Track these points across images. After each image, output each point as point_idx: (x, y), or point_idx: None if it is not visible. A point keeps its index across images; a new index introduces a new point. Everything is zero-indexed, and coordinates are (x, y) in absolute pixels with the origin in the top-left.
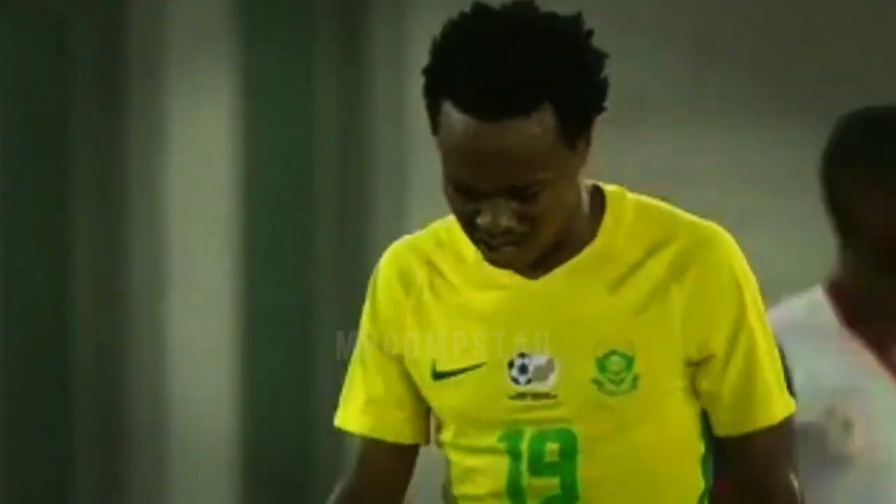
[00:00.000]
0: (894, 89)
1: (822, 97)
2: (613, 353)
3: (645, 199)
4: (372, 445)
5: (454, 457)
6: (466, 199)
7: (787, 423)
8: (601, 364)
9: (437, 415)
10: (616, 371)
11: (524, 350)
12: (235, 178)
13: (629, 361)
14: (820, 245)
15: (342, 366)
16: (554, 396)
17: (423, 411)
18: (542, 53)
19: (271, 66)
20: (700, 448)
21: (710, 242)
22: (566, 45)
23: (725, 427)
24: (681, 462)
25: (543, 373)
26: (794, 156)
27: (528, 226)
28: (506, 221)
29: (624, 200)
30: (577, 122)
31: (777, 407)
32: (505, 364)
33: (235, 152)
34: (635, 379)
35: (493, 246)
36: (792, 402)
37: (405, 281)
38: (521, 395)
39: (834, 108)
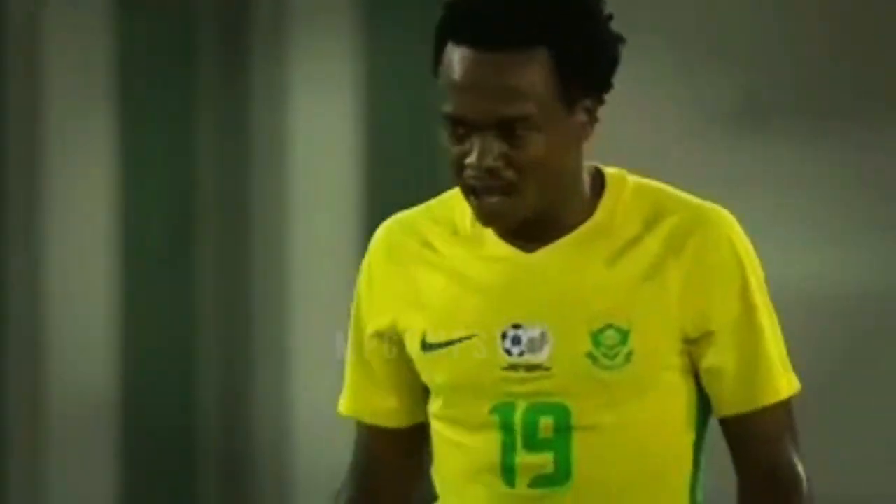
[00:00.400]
0: None
1: None
2: (609, 326)
3: (647, 181)
4: (366, 429)
5: (443, 429)
6: (459, 138)
7: (790, 403)
8: (595, 338)
9: (428, 387)
10: (610, 345)
11: (518, 321)
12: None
13: (624, 336)
14: None
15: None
16: (547, 368)
17: (419, 392)
18: (547, 2)
19: (151, 105)
20: (692, 433)
21: (708, 218)
22: (574, 2)
23: (730, 405)
24: (672, 443)
25: (537, 344)
26: None
27: (515, 173)
28: (492, 161)
29: (624, 181)
30: (574, 79)
31: (781, 384)
32: (498, 335)
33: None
34: (629, 354)
35: (479, 192)
36: (796, 381)
37: (395, 257)
38: (514, 367)
39: None
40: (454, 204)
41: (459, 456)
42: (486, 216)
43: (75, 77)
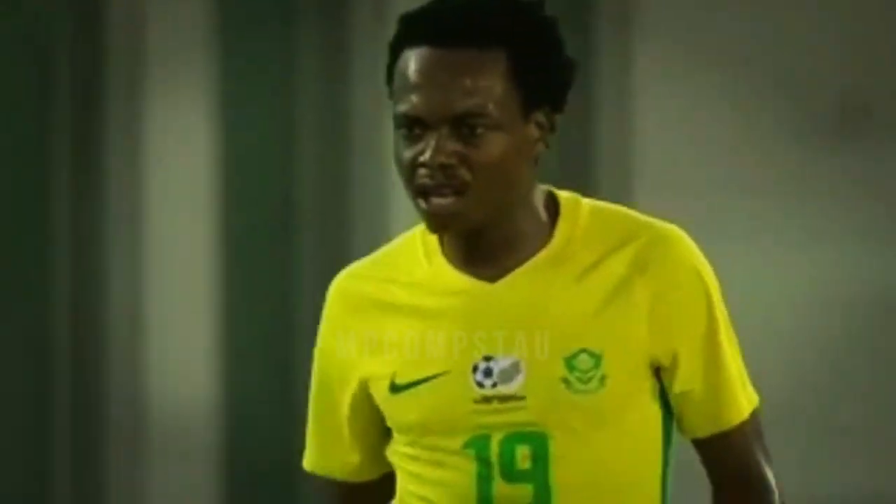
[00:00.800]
0: None
1: None
2: (582, 351)
3: (601, 203)
4: (336, 486)
5: (411, 467)
6: (413, 139)
7: (754, 416)
8: (569, 363)
9: (393, 429)
10: (584, 370)
11: (488, 353)
12: (213, 182)
13: (597, 360)
14: None
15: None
16: (522, 398)
17: (384, 441)
18: (503, 6)
19: (250, 69)
20: (662, 450)
21: (669, 239)
22: (528, 8)
23: (697, 428)
24: (647, 462)
25: (509, 374)
26: None
27: (469, 173)
28: (445, 158)
29: (578, 205)
30: (529, 86)
31: (742, 404)
32: (469, 369)
33: (213, 156)
34: (603, 378)
35: (430, 192)
36: (755, 394)
37: (351, 307)
38: (487, 399)
39: None
40: (404, 248)
41: (431, 493)
42: (435, 217)
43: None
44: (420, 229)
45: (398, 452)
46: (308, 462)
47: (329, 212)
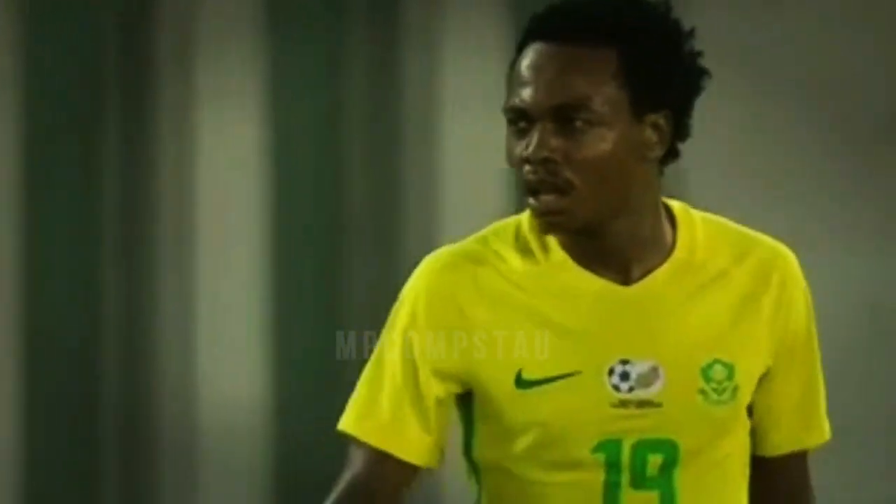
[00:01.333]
0: None
1: None
2: (716, 361)
3: (706, 213)
4: (384, 459)
5: (527, 471)
6: (519, 133)
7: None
8: (705, 373)
9: (506, 427)
10: (719, 380)
11: (625, 356)
12: (263, 189)
13: (730, 371)
14: None
15: (349, 366)
16: (659, 405)
17: (445, 431)
18: (624, 6)
19: (298, 62)
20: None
21: (787, 257)
22: (649, 10)
23: (779, 444)
24: (746, 475)
25: (647, 379)
26: None
27: (572, 171)
28: (547, 152)
29: (691, 214)
30: (641, 88)
31: (825, 426)
32: (605, 371)
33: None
34: (735, 389)
35: (536, 189)
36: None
37: (459, 301)
38: (624, 403)
39: None
40: (507, 238)
41: (551, 497)
42: (541, 214)
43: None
44: (522, 219)
45: (511, 454)
46: (360, 429)
47: (379, 215)
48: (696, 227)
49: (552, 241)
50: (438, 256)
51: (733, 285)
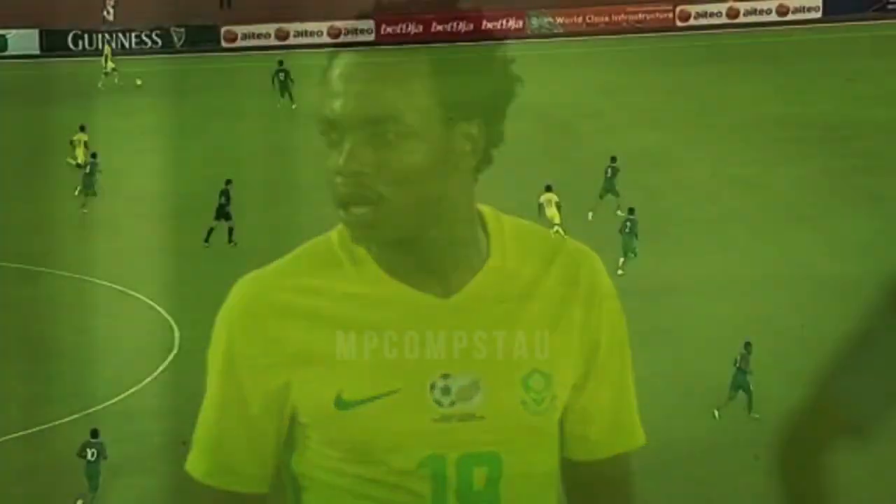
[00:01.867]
0: None
1: None
2: (535, 371)
3: (513, 218)
4: (227, 496)
5: (352, 486)
6: (332, 144)
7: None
8: (526, 384)
9: (328, 446)
10: (538, 390)
11: (446, 370)
12: None
13: (548, 381)
14: None
15: None
16: (482, 417)
17: (277, 455)
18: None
19: None
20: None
21: (591, 258)
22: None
23: (595, 447)
24: (558, 486)
25: (468, 393)
26: None
27: (385, 184)
28: (358, 166)
29: (501, 220)
30: (451, 97)
31: (640, 431)
32: (426, 387)
33: None
34: (553, 398)
35: (348, 202)
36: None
37: (272, 314)
38: (447, 418)
39: None
40: (319, 254)
41: None
42: (353, 228)
43: None
44: (332, 235)
45: (332, 469)
46: (199, 471)
47: None
48: (506, 232)
49: (365, 254)
50: (247, 280)
51: (544, 293)
